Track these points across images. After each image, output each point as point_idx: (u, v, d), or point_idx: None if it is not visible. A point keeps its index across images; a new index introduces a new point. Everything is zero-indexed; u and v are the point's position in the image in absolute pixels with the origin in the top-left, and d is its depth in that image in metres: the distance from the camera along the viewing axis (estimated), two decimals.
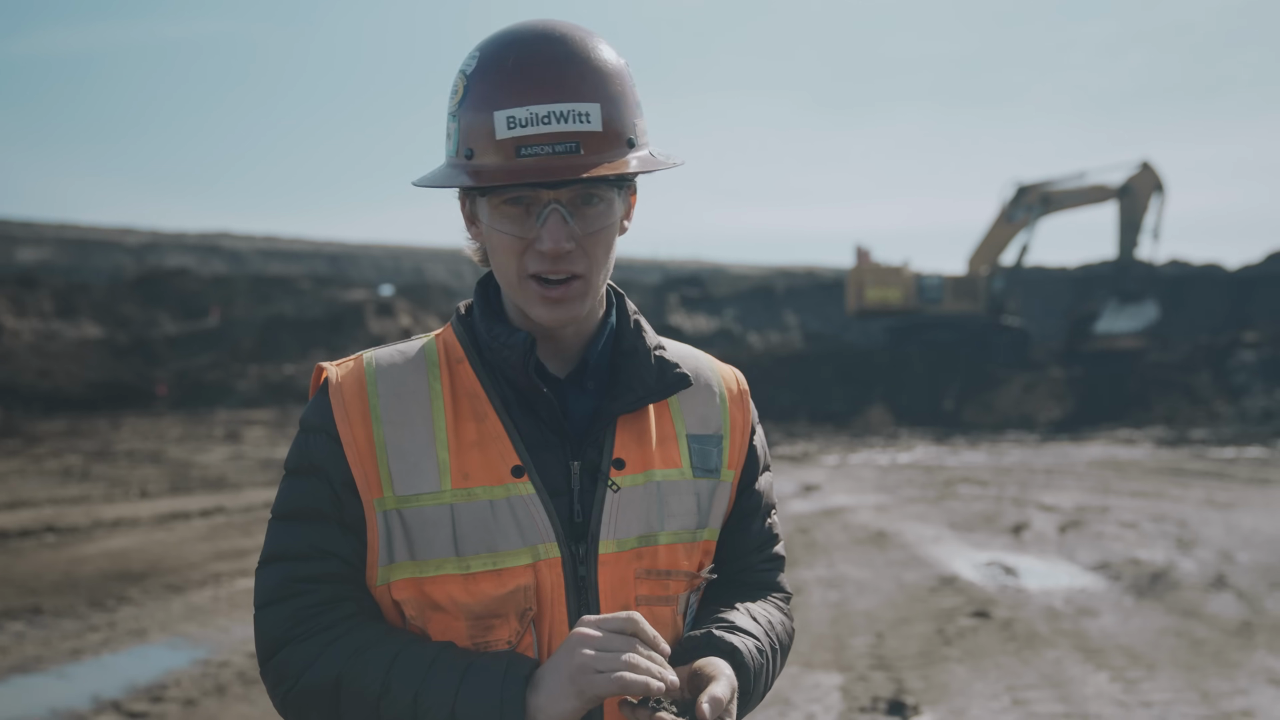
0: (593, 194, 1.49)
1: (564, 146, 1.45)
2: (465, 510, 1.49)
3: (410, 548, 1.49)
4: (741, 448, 1.68)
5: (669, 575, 1.57)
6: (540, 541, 1.50)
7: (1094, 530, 11.45)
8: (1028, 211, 30.94)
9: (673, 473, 1.59)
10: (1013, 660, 6.73)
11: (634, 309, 1.64)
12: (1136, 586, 8.82)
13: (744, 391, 1.72)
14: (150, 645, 7.07)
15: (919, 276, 31.46)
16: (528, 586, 1.49)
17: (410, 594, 1.49)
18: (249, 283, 41.37)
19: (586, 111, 1.46)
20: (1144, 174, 29.56)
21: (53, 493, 13.79)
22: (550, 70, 1.46)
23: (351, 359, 1.59)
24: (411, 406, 1.53)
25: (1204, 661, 6.69)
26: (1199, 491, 14.43)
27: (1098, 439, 23.23)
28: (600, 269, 1.52)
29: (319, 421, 1.53)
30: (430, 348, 1.60)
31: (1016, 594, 8.59)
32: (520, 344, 1.52)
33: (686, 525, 1.59)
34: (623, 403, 1.56)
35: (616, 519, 1.53)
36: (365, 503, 1.50)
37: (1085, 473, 17.07)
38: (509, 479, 1.50)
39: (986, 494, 14.56)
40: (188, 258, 53.85)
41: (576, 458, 1.55)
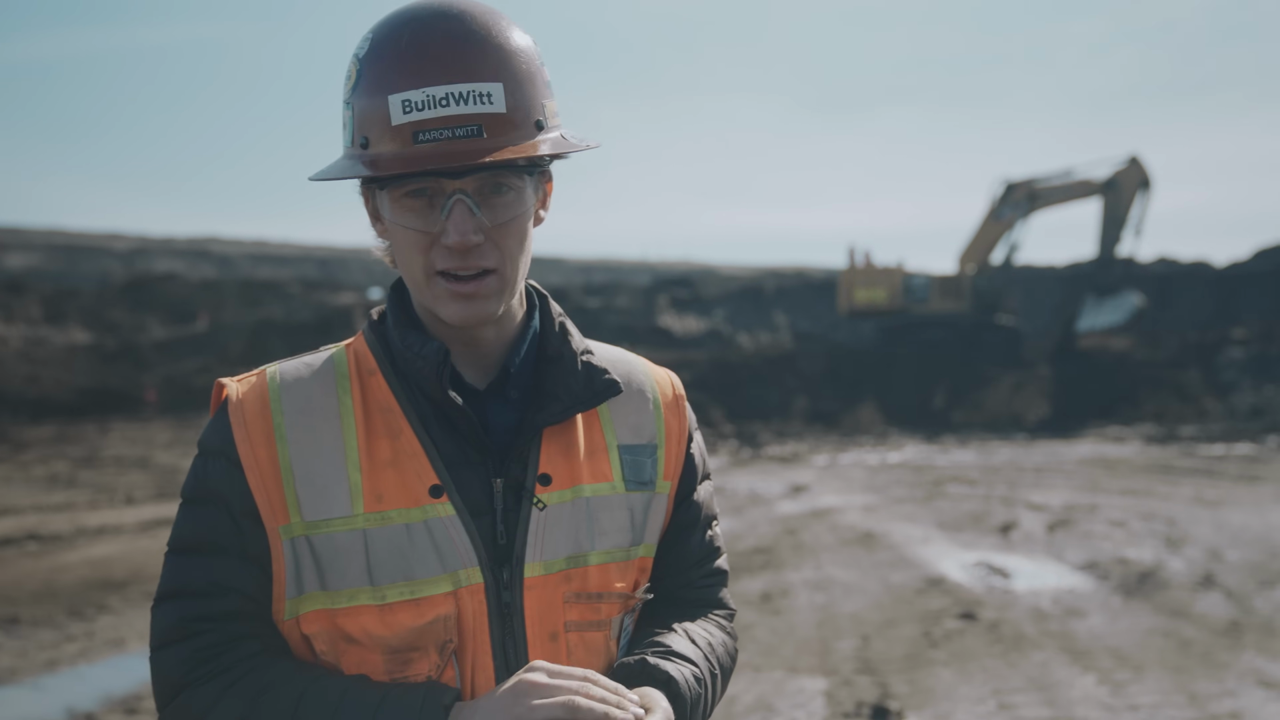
0: (501, 182, 1.37)
1: (464, 130, 1.33)
2: (379, 535, 1.38)
3: (321, 577, 1.38)
4: (678, 456, 1.57)
5: (600, 598, 1.46)
6: (461, 567, 1.39)
7: (1082, 529, 11.39)
8: (1015, 209, 30.88)
9: (603, 487, 1.48)
10: (999, 663, 6.66)
11: (559, 311, 1.53)
12: (1124, 586, 8.76)
13: (679, 396, 1.61)
14: (128, 655, 6.97)
15: (906, 276, 31.42)
16: (448, 616, 1.38)
17: (321, 627, 1.38)
18: (238, 287, 41.22)
19: (488, 91, 1.34)
20: (1131, 169, 29.50)
21: (37, 500, 13.66)
22: (448, 49, 1.35)
23: (254, 374, 1.46)
24: (319, 424, 1.41)
25: (1192, 663, 6.63)
26: (1188, 489, 14.38)
27: (1087, 437, 23.20)
28: (515, 263, 1.41)
29: (218, 444, 1.41)
30: (340, 358, 1.48)
31: (1004, 595, 8.52)
32: (433, 354, 1.41)
33: (619, 543, 1.48)
34: (548, 413, 1.45)
35: (543, 539, 1.42)
36: (270, 530, 1.38)
37: (1074, 471, 17.01)
38: (427, 500, 1.39)
39: (975, 493, 14.49)
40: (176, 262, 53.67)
41: (499, 474, 1.43)
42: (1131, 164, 29.49)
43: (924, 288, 31.24)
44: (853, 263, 31.76)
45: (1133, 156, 29.50)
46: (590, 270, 64.47)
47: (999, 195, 31.10)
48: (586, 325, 30.89)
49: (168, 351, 33.46)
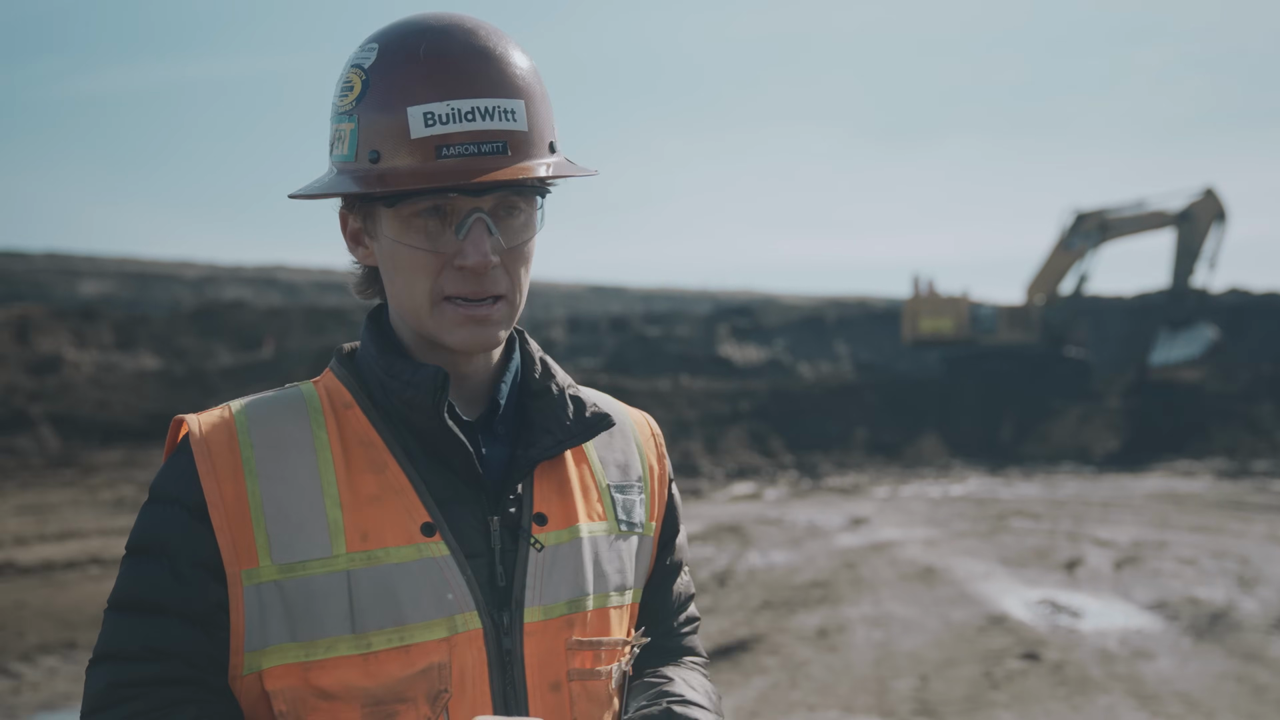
0: (515, 204, 1.30)
1: (490, 146, 1.26)
2: (365, 577, 1.26)
3: (292, 627, 1.25)
4: (661, 498, 1.49)
5: (601, 645, 1.37)
6: (458, 611, 1.28)
7: (1151, 567, 11.08)
8: (1086, 239, 30.42)
9: (599, 527, 1.40)
10: (1062, 706, 6.45)
11: (537, 348, 1.44)
12: (1195, 627, 8.48)
13: (657, 435, 1.53)
14: None
15: (973, 306, 31.04)
16: (442, 665, 1.26)
17: (288, 683, 1.25)
18: (303, 314, 41.74)
19: (512, 109, 1.27)
20: (1206, 200, 28.97)
21: (103, 524, 13.82)
22: (471, 62, 1.27)
23: (216, 409, 1.35)
24: (293, 458, 1.29)
25: (1267, 710, 6.37)
26: (1261, 526, 13.96)
27: (1156, 471, 22.68)
28: (521, 291, 1.34)
29: (172, 488, 1.29)
30: (309, 393, 1.37)
31: (1069, 634, 8.29)
32: (429, 380, 1.30)
33: (618, 586, 1.40)
34: (540, 448, 1.36)
35: (542, 582, 1.33)
36: (230, 576, 1.25)
37: (1143, 506, 16.60)
38: (419, 538, 1.28)
39: (1040, 528, 14.18)
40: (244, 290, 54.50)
41: (494, 512, 1.34)
42: (1207, 195, 28.95)
43: (991, 318, 30.85)
44: (917, 291, 31.44)
45: (1208, 188, 28.98)
46: (651, 299, 64.51)
47: (1069, 225, 30.66)
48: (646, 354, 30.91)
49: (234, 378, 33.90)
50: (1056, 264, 31.02)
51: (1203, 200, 28.98)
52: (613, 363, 32.87)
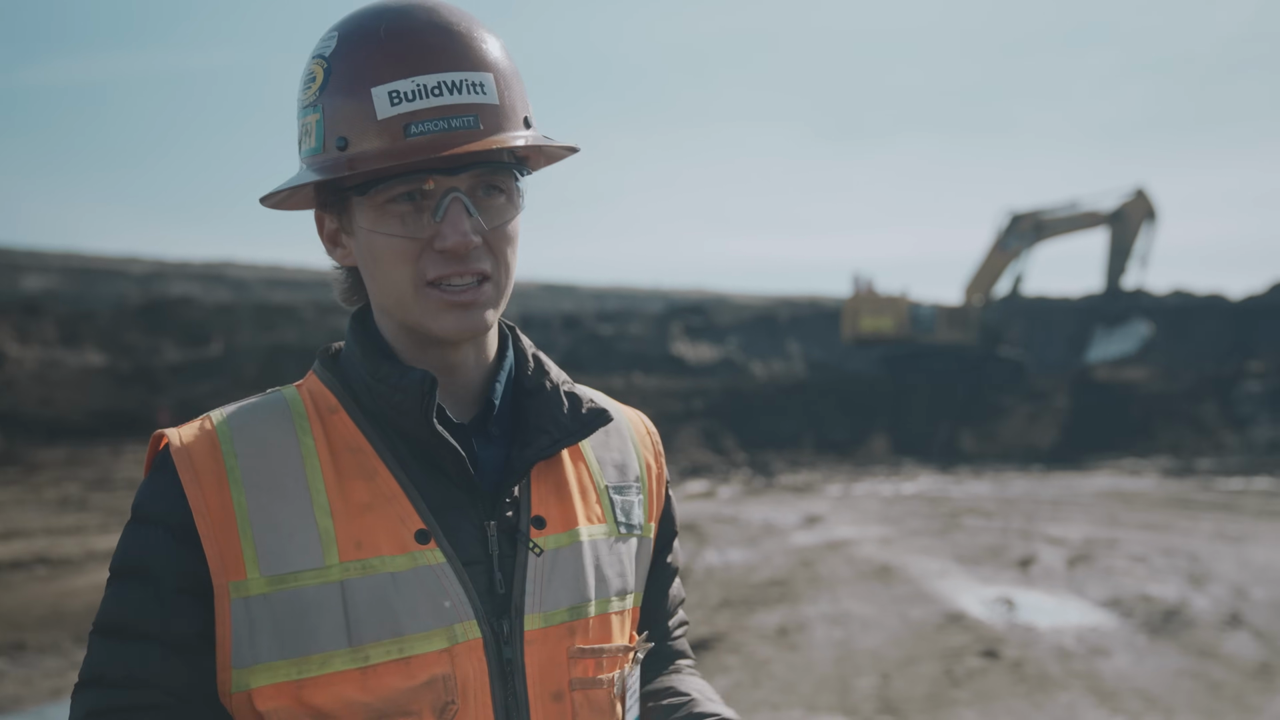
0: (493, 183, 1.25)
1: (460, 120, 1.21)
2: (361, 587, 1.20)
3: (281, 643, 1.19)
4: (659, 498, 1.45)
5: (603, 652, 1.31)
6: (457, 620, 1.22)
7: (1103, 564, 11.18)
8: (1021, 239, 30.75)
9: (598, 530, 1.35)
10: (1024, 704, 6.47)
11: (530, 344, 1.39)
12: (1149, 624, 8.56)
13: (653, 434, 1.48)
14: None
15: (912, 306, 31.28)
16: (446, 676, 1.21)
17: (282, 702, 1.19)
18: (253, 311, 41.29)
19: (480, 81, 1.22)
20: (1137, 200, 29.40)
21: (48, 522, 13.55)
22: (434, 38, 1.22)
23: (196, 420, 1.28)
24: (279, 467, 1.23)
25: (1224, 705, 6.43)
26: (1208, 524, 14.15)
27: (1103, 469, 22.96)
28: (508, 273, 1.28)
29: (153, 507, 1.22)
30: (292, 397, 1.31)
31: (1026, 632, 8.33)
32: (416, 384, 1.24)
33: (619, 590, 1.35)
34: (536, 448, 1.30)
35: (542, 588, 1.27)
36: (217, 588, 1.19)
37: (1091, 504, 16.78)
38: (413, 546, 1.22)
39: (992, 526, 14.28)
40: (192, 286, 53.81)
41: (491, 517, 1.28)
42: (1138, 196, 29.40)
43: (930, 318, 31.10)
44: (857, 291, 31.65)
45: (1139, 188, 29.43)
46: (603, 297, 64.45)
47: (1005, 226, 30.99)
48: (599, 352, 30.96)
49: (182, 375, 33.45)
50: (993, 265, 31.34)
51: (1134, 200, 29.42)
52: (566, 361, 32.76)
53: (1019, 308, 34.76)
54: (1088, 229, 30.41)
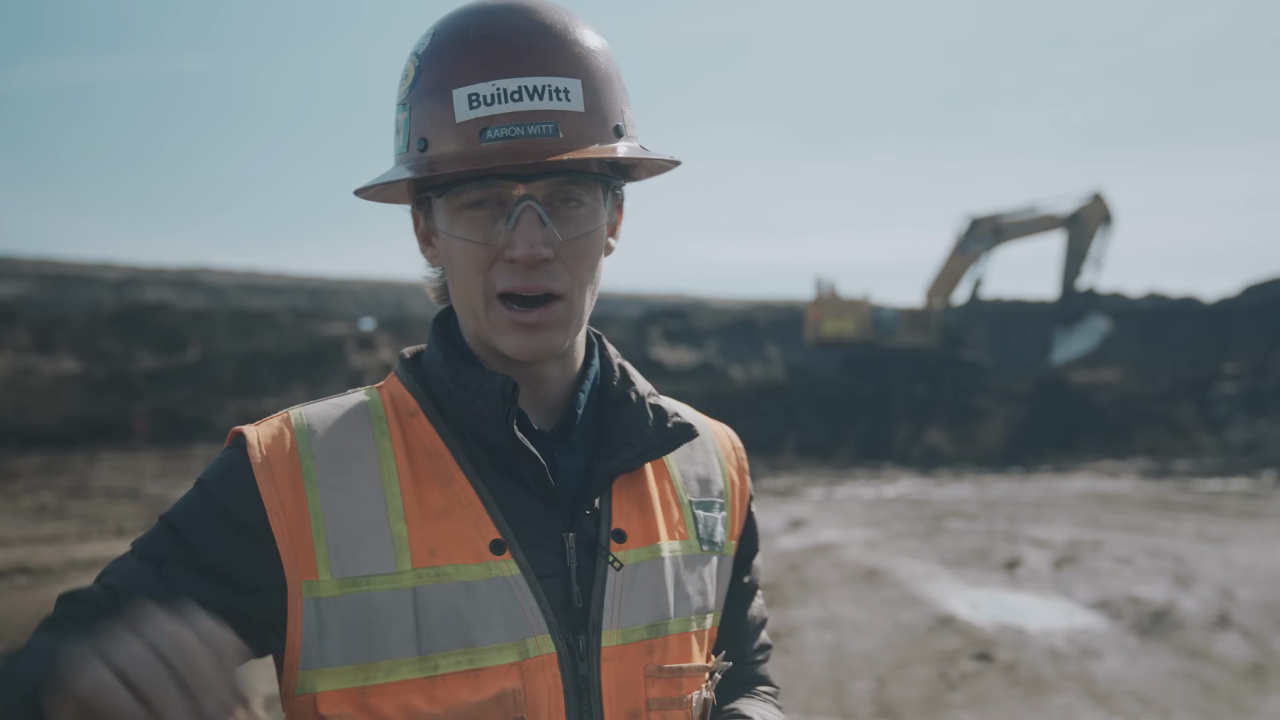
0: (573, 194, 1.19)
1: (539, 128, 1.16)
2: (433, 595, 1.16)
3: (349, 648, 1.15)
4: (742, 516, 1.40)
5: (682, 672, 1.27)
6: (530, 634, 1.18)
7: (1089, 566, 11.20)
8: (980, 243, 30.90)
9: (680, 546, 1.30)
10: (1020, 706, 6.46)
11: (616, 354, 1.35)
12: (1139, 626, 8.57)
13: (739, 449, 1.44)
14: None
15: (875, 309, 31.37)
16: (517, 691, 1.16)
17: (347, 709, 1.15)
18: (229, 317, 41.04)
19: (565, 87, 1.17)
20: (1094, 204, 29.62)
21: (26, 531, 13.39)
22: (521, 39, 1.18)
23: (275, 417, 1.25)
24: (355, 469, 1.20)
25: (1219, 706, 6.44)
26: (1190, 525, 14.21)
27: (1082, 471, 23.05)
28: (584, 290, 1.22)
29: (219, 492, 1.19)
30: (373, 401, 1.27)
31: (1017, 634, 8.32)
32: (497, 390, 1.21)
33: (699, 609, 1.30)
34: (619, 460, 1.26)
35: (621, 604, 1.23)
36: (291, 586, 1.16)
37: (1073, 506, 16.84)
38: (488, 556, 1.18)
39: (975, 528, 14.30)
40: (167, 292, 53.42)
41: (570, 529, 1.23)
42: (1095, 200, 29.63)
43: (892, 321, 31.23)
44: (819, 294, 31.73)
45: (1095, 192, 29.65)
46: None
47: (964, 230, 31.13)
48: None
49: (158, 381, 33.19)
50: (953, 268, 31.49)
51: (1091, 204, 29.64)
52: None
53: (981, 310, 34.94)
54: (1046, 232, 30.60)
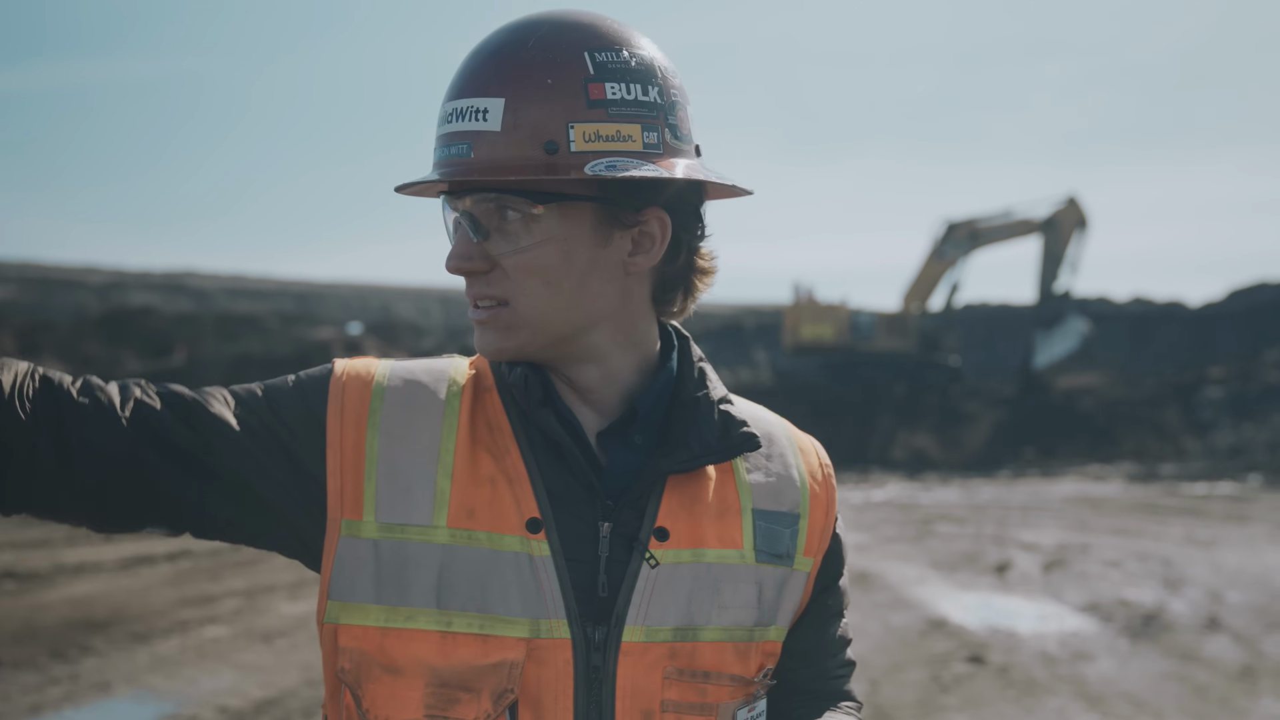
0: (506, 206, 1.22)
1: (456, 149, 1.23)
2: (460, 555, 1.20)
3: (378, 588, 1.21)
4: (824, 532, 1.37)
5: (708, 678, 1.26)
6: (544, 616, 1.20)
7: (1078, 569, 11.26)
8: (957, 247, 31.01)
9: (730, 554, 1.28)
10: (1015, 709, 6.49)
11: (699, 355, 1.35)
12: (1130, 629, 8.61)
13: (826, 465, 1.41)
14: (115, 699, 6.70)
15: (853, 314, 31.45)
16: (514, 664, 1.19)
17: (364, 645, 1.21)
18: (215, 321, 40.91)
19: (485, 108, 1.21)
20: (1069, 208, 29.79)
21: (12, 536, 13.32)
22: (478, 60, 1.24)
23: (366, 358, 1.31)
24: (418, 420, 1.25)
25: (1211, 709, 6.47)
26: (1178, 529, 14.29)
27: (1068, 475, 23.15)
28: (535, 299, 1.23)
29: (312, 397, 1.26)
30: (459, 367, 1.33)
31: (1008, 637, 8.36)
32: (520, 381, 1.27)
33: (742, 621, 1.28)
34: (675, 460, 1.26)
35: (650, 602, 1.23)
36: (330, 522, 1.22)
37: (1061, 510, 16.92)
38: (523, 532, 1.22)
39: (965, 532, 14.35)
40: (152, 296, 53.25)
41: (608, 519, 1.25)
42: (1070, 204, 29.80)
43: (870, 325, 31.31)
44: (797, 299, 31.79)
45: (1070, 197, 29.84)
46: None
47: (941, 235, 31.23)
48: None
49: None
50: (930, 273, 31.59)
51: (1066, 208, 29.81)
52: None
53: (961, 315, 35.08)
54: (1022, 236, 30.72)
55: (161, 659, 7.59)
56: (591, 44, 1.24)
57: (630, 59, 1.24)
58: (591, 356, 1.29)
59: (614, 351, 1.30)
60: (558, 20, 1.25)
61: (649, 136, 1.24)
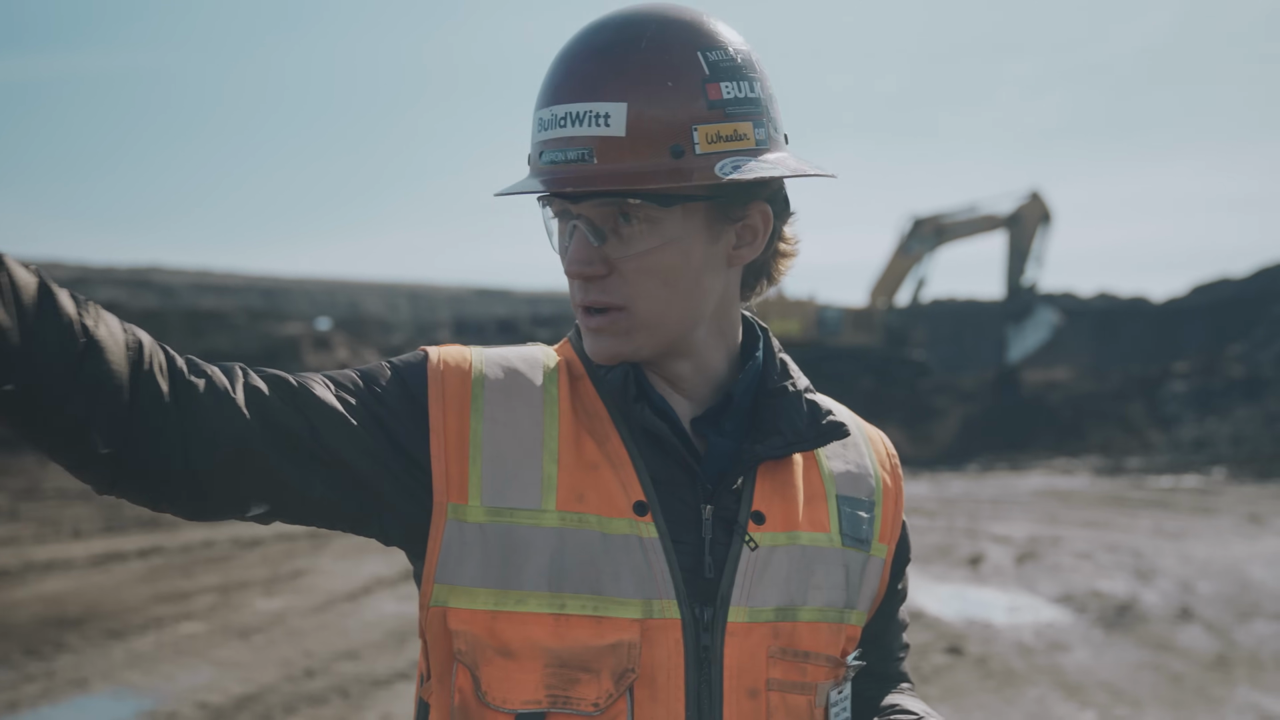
0: (629, 211, 1.21)
1: (575, 153, 1.21)
2: (572, 538, 1.21)
3: (486, 571, 1.21)
4: (895, 519, 1.41)
5: (808, 658, 1.28)
6: (657, 596, 1.22)
7: (1050, 561, 11.34)
8: (923, 243, 31.16)
9: (820, 537, 1.31)
10: (994, 699, 6.53)
11: (779, 346, 1.39)
12: (1104, 619, 8.69)
13: (893, 455, 1.45)
14: (92, 696, 6.63)
15: (820, 309, 31.56)
16: (632, 644, 1.20)
17: (474, 629, 1.21)
18: (182, 317, 40.55)
19: (606, 112, 1.20)
20: (1032, 203, 30.00)
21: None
22: (579, 64, 1.22)
23: (456, 346, 1.31)
24: (520, 407, 1.26)
25: (1188, 697, 6.54)
26: (1147, 521, 14.42)
27: (1037, 469, 23.31)
28: (654, 301, 1.24)
29: (411, 382, 1.26)
30: (549, 354, 1.34)
31: (985, 629, 8.41)
32: (618, 381, 1.28)
33: (833, 602, 1.31)
34: (768, 446, 1.29)
35: (752, 583, 1.25)
36: (437, 505, 1.22)
37: (1030, 503, 17.03)
38: (631, 515, 1.23)
39: (936, 525, 14.42)
40: (118, 292, 52.74)
41: (710, 502, 1.27)
42: (1033, 199, 30.01)
43: (837, 320, 31.41)
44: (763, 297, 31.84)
45: (1034, 191, 30.05)
46: (537, 302, 64.26)
47: (907, 230, 31.36)
48: None
49: None
50: (896, 268, 31.71)
51: (1029, 203, 30.01)
52: None
53: (928, 311, 35.27)
54: (987, 232, 30.89)
55: (138, 655, 7.52)
56: (701, 43, 1.24)
57: (736, 55, 1.25)
58: (688, 351, 1.32)
59: (708, 344, 1.33)
60: (660, 17, 1.24)
61: (759, 133, 1.25)
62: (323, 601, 9.12)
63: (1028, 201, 29.95)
